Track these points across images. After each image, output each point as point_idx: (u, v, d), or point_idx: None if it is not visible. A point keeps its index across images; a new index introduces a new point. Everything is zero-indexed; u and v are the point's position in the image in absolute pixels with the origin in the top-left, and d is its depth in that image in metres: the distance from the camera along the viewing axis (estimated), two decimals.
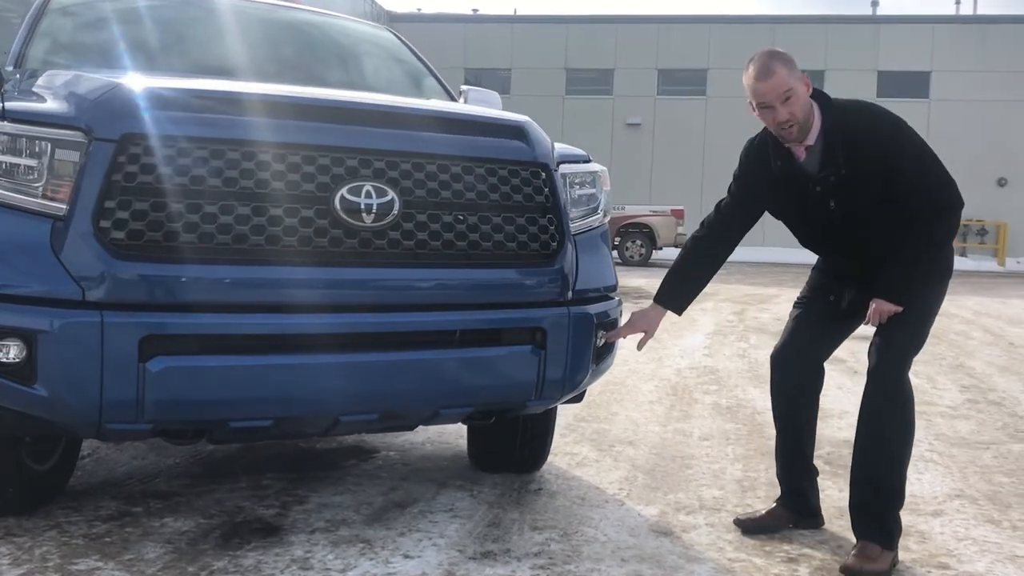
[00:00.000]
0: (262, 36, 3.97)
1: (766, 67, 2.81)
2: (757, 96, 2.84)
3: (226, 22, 3.97)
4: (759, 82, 2.82)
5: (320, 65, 3.96)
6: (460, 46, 33.57)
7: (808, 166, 2.91)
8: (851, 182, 2.85)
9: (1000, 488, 3.79)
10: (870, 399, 2.90)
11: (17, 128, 2.50)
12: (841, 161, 2.84)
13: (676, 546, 2.97)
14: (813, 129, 2.87)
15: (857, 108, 2.93)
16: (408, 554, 2.79)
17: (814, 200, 2.93)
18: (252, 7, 4.25)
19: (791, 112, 2.81)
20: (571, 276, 3.00)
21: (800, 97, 2.82)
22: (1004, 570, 2.86)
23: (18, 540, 2.78)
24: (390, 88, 3.93)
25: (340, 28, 4.35)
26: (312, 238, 2.57)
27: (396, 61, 4.29)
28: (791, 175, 2.95)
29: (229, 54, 3.73)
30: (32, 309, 2.40)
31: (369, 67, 4.16)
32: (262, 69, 3.61)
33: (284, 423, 2.69)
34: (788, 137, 2.88)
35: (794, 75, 2.83)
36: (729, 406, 5.33)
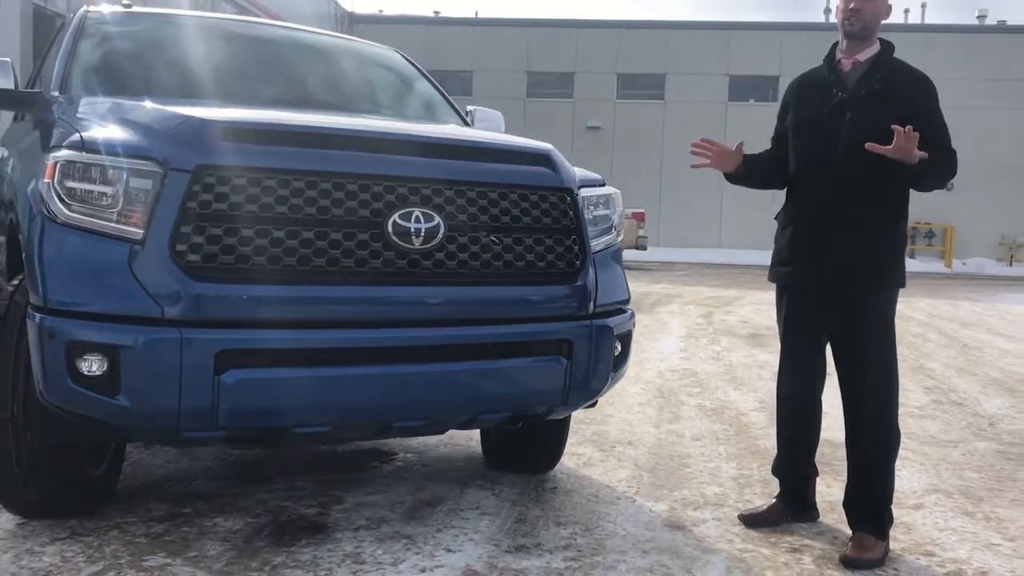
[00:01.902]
0: (291, 61, 4.19)
1: None
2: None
3: (253, 47, 4.19)
4: None
5: (347, 90, 4.20)
6: (422, 48, 33.65)
7: (847, 78, 3.23)
8: (875, 103, 3.13)
9: (971, 483, 4.14)
10: (865, 406, 3.20)
11: (96, 158, 2.70)
12: (877, 81, 3.16)
13: (689, 539, 3.26)
14: (869, 51, 3.22)
15: (907, 64, 3.26)
16: (449, 548, 3.04)
17: (834, 110, 3.20)
18: (271, 30, 4.47)
19: (863, 7, 3.16)
20: (592, 292, 3.27)
21: (878, 8, 3.19)
22: (983, 557, 3.19)
23: (86, 539, 2.98)
24: (410, 111, 4.19)
25: (357, 51, 4.59)
26: (367, 259, 2.81)
27: (410, 83, 4.53)
28: (827, 82, 3.25)
29: (263, 81, 3.95)
30: (115, 326, 2.60)
31: (390, 90, 4.40)
32: (297, 96, 3.85)
33: (341, 429, 2.93)
34: (847, 28, 3.19)
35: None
36: (714, 408, 5.65)
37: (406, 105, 4.37)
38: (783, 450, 3.48)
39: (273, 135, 2.82)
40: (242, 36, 4.27)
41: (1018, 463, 4.55)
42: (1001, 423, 5.53)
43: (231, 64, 4.04)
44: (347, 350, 2.80)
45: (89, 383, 2.61)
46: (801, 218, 3.29)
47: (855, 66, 3.24)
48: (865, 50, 3.23)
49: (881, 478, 3.17)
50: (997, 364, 8.19)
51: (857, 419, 3.21)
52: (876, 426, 3.18)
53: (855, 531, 3.17)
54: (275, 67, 4.11)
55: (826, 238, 3.19)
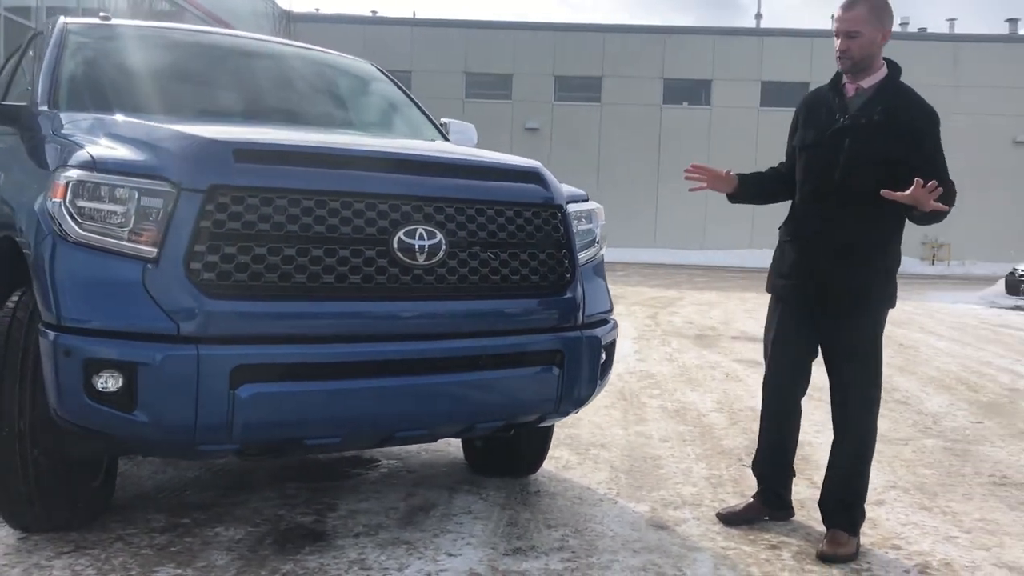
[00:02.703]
0: (276, 76, 4.24)
1: (852, 1, 3.24)
2: (835, 21, 3.27)
3: (235, 60, 4.23)
4: (840, 10, 3.25)
5: (334, 105, 4.28)
6: (360, 47, 33.47)
7: (851, 104, 3.31)
8: (875, 132, 3.21)
9: (925, 479, 4.40)
10: (852, 415, 3.39)
11: (109, 178, 2.75)
12: (877, 112, 3.22)
13: (674, 538, 3.42)
14: (873, 78, 3.28)
15: (913, 91, 3.32)
16: (450, 552, 3.16)
17: (835, 135, 3.28)
18: (250, 43, 4.51)
19: (849, 46, 3.22)
20: (581, 303, 3.42)
21: (864, 42, 3.21)
22: (944, 548, 3.43)
23: (92, 552, 3.01)
24: (393, 125, 4.29)
25: (338, 65, 4.65)
26: (374, 275, 2.91)
27: (390, 97, 4.62)
28: (832, 104, 3.34)
29: (249, 96, 4.02)
30: (132, 343, 2.66)
31: (373, 104, 4.49)
32: (285, 111, 3.91)
33: (349, 439, 3.02)
34: (841, 65, 3.28)
35: (871, 23, 3.22)
36: (675, 409, 5.85)
37: (388, 119, 4.46)
38: (765, 452, 3.63)
39: (284, 155, 2.90)
40: (223, 48, 4.31)
41: (964, 459, 4.83)
42: (944, 420, 5.84)
43: (217, 79, 4.09)
44: (356, 364, 2.89)
45: (106, 399, 2.66)
46: (799, 235, 3.42)
47: (859, 92, 3.31)
48: (869, 77, 3.30)
49: (857, 479, 3.38)
50: (933, 363, 8.60)
51: (842, 426, 3.41)
52: (858, 434, 3.38)
53: (829, 527, 3.37)
54: (260, 81, 4.16)
55: (820, 259, 3.33)
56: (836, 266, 3.30)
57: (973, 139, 33.60)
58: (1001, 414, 6.14)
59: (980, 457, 4.88)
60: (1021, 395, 6.96)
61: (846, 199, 3.25)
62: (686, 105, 36.88)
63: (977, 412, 6.18)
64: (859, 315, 3.34)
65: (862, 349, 3.36)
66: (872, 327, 3.37)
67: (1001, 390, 7.16)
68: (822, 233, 3.33)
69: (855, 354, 3.36)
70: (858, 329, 3.34)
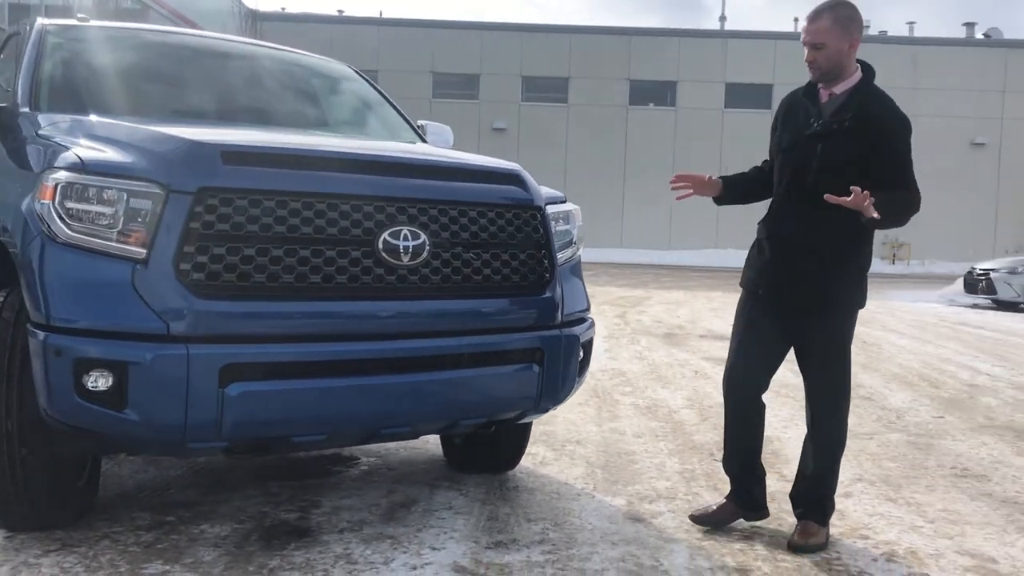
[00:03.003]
0: (255, 77, 4.29)
1: (818, 13, 3.28)
2: (802, 31, 3.32)
3: (213, 61, 4.27)
4: (806, 21, 3.30)
5: (313, 107, 4.32)
6: (326, 47, 33.35)
7: (824, 109, 3.35)
8: (846, 138, 3.25)
9: (890, 472, 4.54)
10: (823, 412, 3.47)
11: (98, 180, 2.79)
12: (849, 117, 3.26)
13: (651, 530, 3.52)
14: (846, 83, 3.32)
15: (885, 96, 3.35)
16: (433, 546, 3.23)
17: (808, 139, 3.34)
18: (228, 45, 4.54)
19: (815, 58, 3.28)
20: (560, 302, 3.50)
21: (830, 52, 3.25)
22: (909, 538, 3.55)
23: (79, 550, 3.04)
24: (372, 127, 4.34)
25: (316, 67, 4.70)
26: (360, 276, 2.97)
27: (368, 98, 4.67)
28: (807, 109, 3.39)
29: (228, 97, 4.06)
30: (122, 343, 2.70)
31: (352, 106, 4.54)
32: (265, 112, 3.97)
33: (335, 436, 3.08)
34: (811, 75, 3.35)
35: (836, 33, 3.24)
36: (647, 406, 5.96)
37: (368, 121, 4.51)
38: (732, 450, 3.62)
39: (271, 158, 2.95)
40: (204, 50, 4.34)
41: (926, 452, 4.99)
42: (907, 416, 6.01)
43: (197, 80, 4.13)
44: (342, 362, 2.95)
45: (96, 398, 2.70)
46: (775, 234, 3.45)
47: (832, 98, 3.35)
48: (842, 83, 3.33)
49: (828, 474, 3.49)
50: (895, 360, 8.80)
51: (814, 423, 3.51)
52: (829, 431, 3.48)
53: (800, 519, 3.48)
54: (240, 84, 4.20)
55: (794, 260, 3.38)
56: (809, 267, 3.36)
57: (933, 141, 34.19)
58: (961, 409, 6.33)
59: (942, 450, 5.04)
60: (980, 391, 7.16)
61: (819, 202, 3.27)
62: (652, 106, 37.18)
63: (938, 407, 6.36)
64: (831, 315, 3.41)
65: (834, 348, 3.45)
66: (843, 327, 3.45)
67: (961, 386, 7.36)
68: (796, 234, 3.39)
69: (827, 353, 3.45)
70: (830, 329, 3.42)
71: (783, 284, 3.44)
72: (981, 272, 17.84)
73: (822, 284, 3.36)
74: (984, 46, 38.56)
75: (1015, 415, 6.16)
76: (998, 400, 6.74)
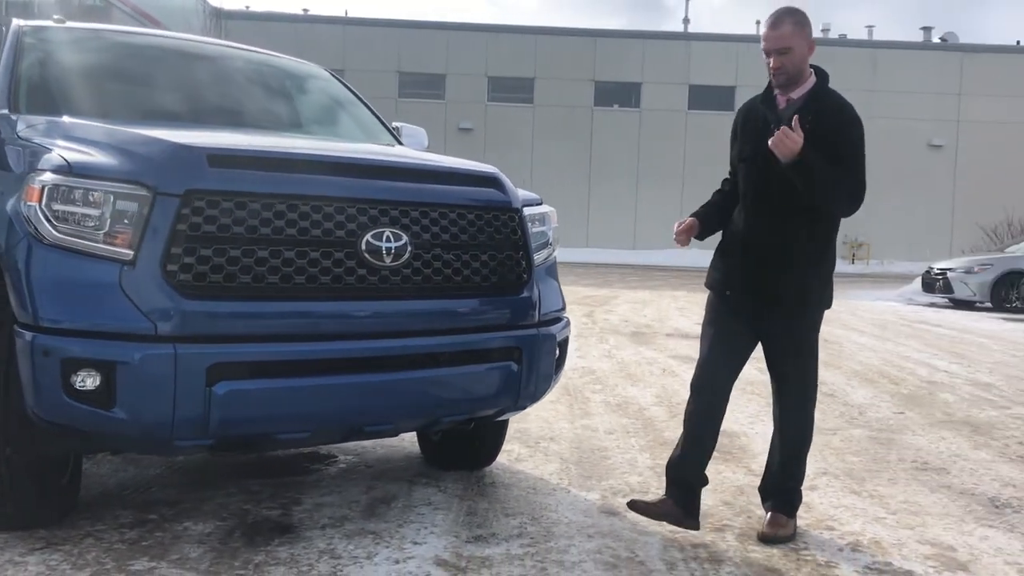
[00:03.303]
0: (231, 80, 4.33)
1: (778, 19, 3.33)
2: (763, 40, 3.36)
3: (191, 64, 4.30)
4: (767, 29, 3.35)
5: (290, 109, 4.37)
6: (291, 46, 33.19)
7: (784, 114, 3.39)
8: (806, 140, 3.22)
9: (853, 466, 4.69)
10: (791, 410, 3.56)
11: (85, 183, 2.83)
12: (807, 121, 3.28)
13: (625, 523, 3.62)
14: (802, 88, 3.39)
15: (841, 98, 3.44)
16: (415, 541, 3.30)
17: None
18: (203, 47, 4.58)
19: (783, 63, 3.33)
20: (538, 302, 3.59)
21: (796, 56, 3.33)
22: (873, 529, 3.69)
23: (64, 548, 3.08)
24: (348, 129, 4.40)
25: (291, 70, 4.75)
26: (343, 277, 3.04)
27: (344, 101, 4.73)
28: (766, 117, 3.43)
29: (205, 100, 4.09)
30: (111, 343, 2.75)
31: (329, 109, 4.60)
32: (243, 115, 4.00)
33: (319, 433, 3.15)
34: (776, 81, 3.39)
35: (798, 36, 3.32)
36: (618, 403, 6.08)
37: (345, 124, 4.57)
38: (687, 450, 3.54)
39: (257, 160, 3.01)
40: (180, 52, 4.38)
41: (888, 447, 5.15)
42: (869, 412, 6.18)
43: (176, 82, 4.16)
44: (328, 361, 3.02)
45: (84, 398, 2.74)
46: (739, 239, 3.50)
47: (789, 103, 3.41)
48: (799, 88, 3.40)
49: (795, 468, 3.61)
50: (856, 358, 9.01)
51: (781, 420, 3.59)
52: (796, 427, 3.58)
53: (769, 511, 3.60)
54: (219, 86, 4.24)
55: (758, 264, 3.42)
56: (776, 269, 3.40)
57: (890, 142, 34.83)
58: (921, 405, 6.51)
59: (903, 445, 5.20)
60: (938, 387, 7.37)
61: (785, 207, 3.35)
62: (617, 107, 37.44)
63: (899, 403, 6.54)
64: (799, 316, 3.48)
65: (802, 346, 3.53)
66: (810, 328, 3.53)
67: (920, 383, 7.56)
68: (762, 237, 3.42)
69: (796, 353, 3.52)
70: (797, 328, 3.49)
71: (750, 286, 3.48)
72: (938, 272, 18.22)
73: (789, 285, 3.42)
74: (941, 50, 39.31)
75: (971, 411, 6.36)
76: (955, 396, 6.94)
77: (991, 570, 3.27)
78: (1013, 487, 4.36)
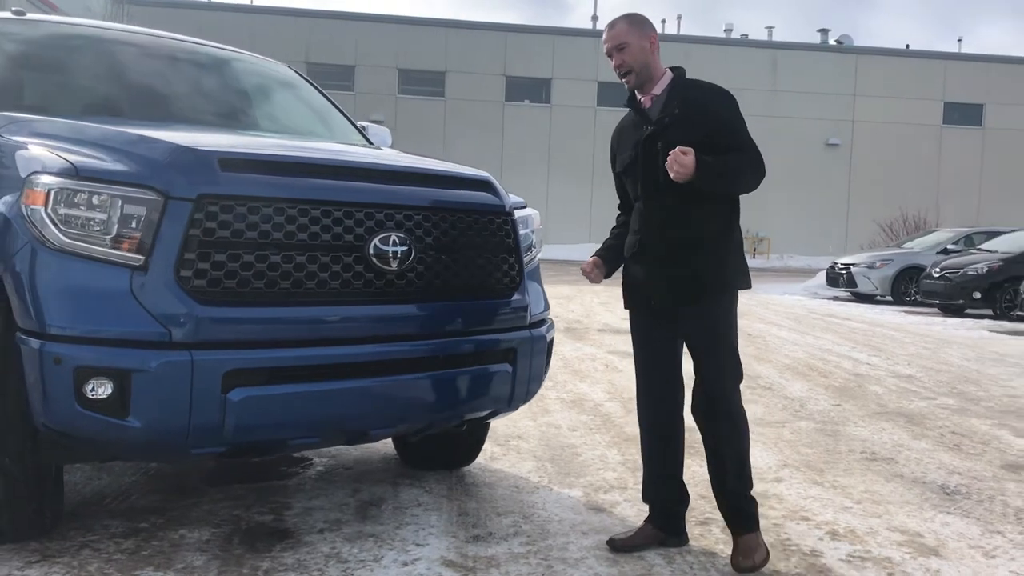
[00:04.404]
0: (203, 79, 4.26)
1: (613, 21, 3.36)
2: (603, 42, 3.34)
3: (160, 62, 4.21)
4: (604, 31, 3.36)
5: (262, 109, 4.32)
6: (195, 33, 32.29)
7: (651, 112, 3.33)
8: (679, 126, 3.21)
9: (809, 458, 4.91)
10: (713, 423, 3.32)
11: (93, 187, 2.76)
12: (676, 105, 3.26)
13: (614, 519, 3.72)
14: (660, 83, 3.34)
15: (702, 81, 3.39)
16: (417, 543, 3.32)
17: (646, 143, 3.28)
18: (169, 44, 4.47)
19: (623, 60, 3.29)
20: (529, 304, 3.66)
21: (634, 51, 3.29)
22: (844, 517, 3.88)
23: (62, 560, 3.00)
24: (319, 129, 4.39)
25: (258, 67, 4.68)
26: (351, 281, 3.04)
27: (312, 100, 4.70)
28: (636, 122, 3.37)
29: (176, 99, 4.01)
30: (126, 351, 2.69)
31: (301, 109, 4.56)
32: (216, 114, 3.97)
33: (328, 438, 3.15)
34: (628, 84, 3.34)
35: (635, 32, 3.30)
36: (572, 400, 6.19)
37: (317, 124, 4.53)
38: (652, 476, 3.47)
39: (267, 165, 2.98)
40: (149, 48, 4.26)
41: (836, 438, 5.40)
42: (809, 404, 6.45)
43: (144, 79, 4.07)
44: (339, 365, 3.02)
45: (97, 407, 2.68)
46: (642, 243, 3.36)
47: (654, 101, 3.35)
48: (657, 84, 3.35)
49: (739, 469, 3.32)
50: (782, 351, 9.36)
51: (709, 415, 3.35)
52: (727, 415, 3.32)
53: (736, 535, 3.30)
54: (188, 84, 4.17)
55: (665, 258, 3.28)
56: (682, 257, 3.27)
57: (789, 141, 36.10)
58: (854, 397, 6.83)
59: (848, 436, 5.46)
60: (865, 379, 7.73)
61: (679, 197, 3.23)
62: (527, 103, 37.68)
63: (834, 396, 6.85)
64: (704, 315, 3.30)
65: (720, 333, 3.32)
66: (724, 308, 3.33)
67: (848, 375, 7.92)
68: (665, 232, 3.29)
69: (712, 336, 3.31)
70: (710, 313, 3.30)
71: (661, 286, 3.32)
72: (842, 267, 19.01)
73: (698, 270, 3.27)
74: (837, 51, 40.88)
75: (902, 402, 6.70)
76: (884, 388, 7.30)
77: (959, 554, 3.49)
78: (959, 475, 4.64)
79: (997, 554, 3.50)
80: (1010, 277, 14.75)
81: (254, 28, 34.00)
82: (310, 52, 34.87)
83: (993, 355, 9.86)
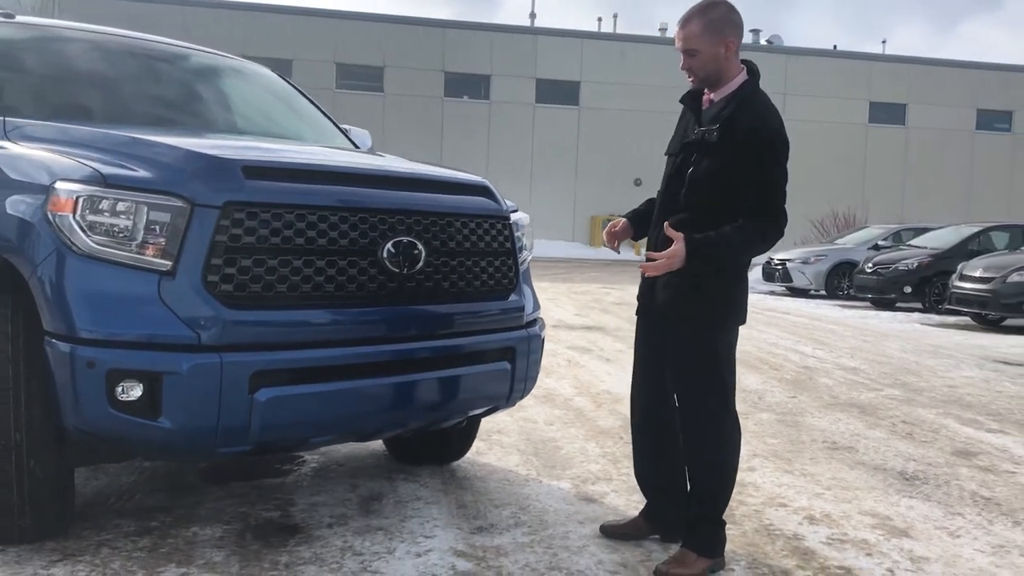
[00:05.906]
0: (192, 82, 4.31)
1: (687, 17, 3.11)
2: (675, 36, 3.16)
3: (147, 65, 4.25)
4: (677, 25, 3.14)
5: (251, 112, 4.39)
6: (128, 26, 31.63)
7: (704, 115, 3.20)
8: (713, 151, 3.07)
9: (776, 448, 5.16)
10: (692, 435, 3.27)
11: (121, 194, 2.83)
12: (716, 128, 3.07)
13: (607, 508, 3.90)
14: (725, 89, 3.14)
15: (763, 104, 3.12)
16: (424, 535, 3.46)
17: (690, 142, 3.19)
18: (154, 46, 4.51)
19: (690, 65, 3.13)
20: (524, 304, 3.81)
21: (704, 59, 3.09)
22: (818, 503, 4.13)
23: (84, 559, 3.05)
24: (305, 131, 4.49)
25: (245, 71, 4.74)
26: (366, 284, 3.16)
27: (297, 104, 4.78)
28: (691, 113, 3.27)
29: (160, 102, 4.06)
30: (155, 353, 2.77)
31: (287, 112, 4.63)
32: (205, 118, 4.03)
33: (345, 435, 3.27)
34: (691, 82, 3.21)
35: (707, 39, 3.06)
36: (543, 395, 6.36)
37: (303, 127, 4.62)
38: (642, 471, 3.51)
39: (289, 172, 3.08)
40: (127, 50, 4.30)
41: (797, 429, 5.68)
42: (767, 397, 6.74)
43: (129, 83, 4.11)
44: (359, 365, 3.13)
45: (129, 408, 2.75)
46: (649, 247, 3.32)
47: (711, 104, 3.20)
48: (722, 88, 3.16)
49: (720, 486, 3.29)
50: None
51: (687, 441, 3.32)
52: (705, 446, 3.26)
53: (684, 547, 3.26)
54: (180, 88, 4.22)
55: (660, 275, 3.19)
56: (670, 283, 3.19)
57: None
58: (807, 389, 7.15)
59: (808, 427, 5.74)
60: (814, 372, 8.07)
61: (690, 214, 3.13)
62: (466, 99, 37.76)
63: (788, 388, 7.15)
64: (682, 331, 3.19)
65: (684, 366, 3.22)
66: (705, 337, 3.18)
67: (797, 368, 8.26)
68: (659, 246, 3.21)
69: (677, 369, 3.24)
70: (682, 346, 3.20)
71: (652, 294, 3.30)
72: (778, 262, 19.56)
73: (680, 300, 3.17)
74: (767, 52, 41.79)
75: (852, 393, 7.04)
76: (833, 380, 7.64)
77: (927, 535, 3.75)
78: (915, 461, 4.94)
79: (961, 534, 3.78)
80: (939, 272, 15.39)
81: (187, 22, 33.38)
82: (247, 45, 34.28)
83: (929, 347, 10.35)
